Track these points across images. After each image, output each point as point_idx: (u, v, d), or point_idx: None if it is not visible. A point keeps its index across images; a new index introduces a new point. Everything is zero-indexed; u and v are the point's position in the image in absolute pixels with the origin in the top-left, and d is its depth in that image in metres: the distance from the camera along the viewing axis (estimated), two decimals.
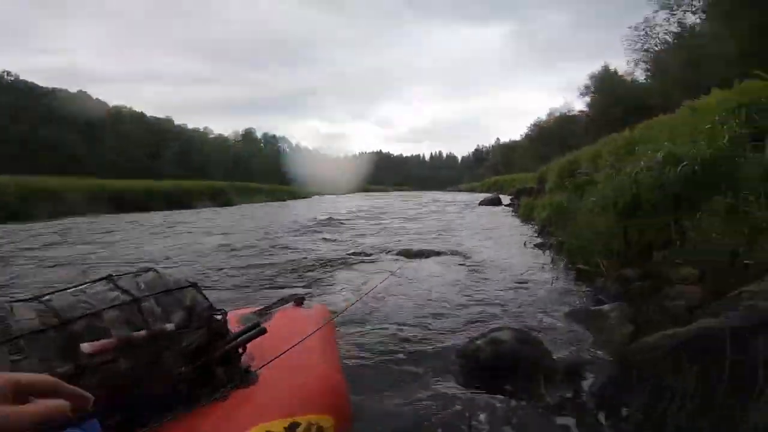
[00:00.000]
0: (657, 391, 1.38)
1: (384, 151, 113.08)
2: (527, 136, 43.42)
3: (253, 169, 54.71)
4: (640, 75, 24.04)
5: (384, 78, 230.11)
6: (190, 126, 60.26)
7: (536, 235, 6.34)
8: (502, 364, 1.88)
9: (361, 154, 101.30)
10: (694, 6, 18.39)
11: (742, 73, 5.37)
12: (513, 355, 1.89)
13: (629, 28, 21.76)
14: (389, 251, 5.14)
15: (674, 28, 19.95)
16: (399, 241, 5.97)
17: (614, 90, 24.97)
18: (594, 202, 4.21)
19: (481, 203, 15.82)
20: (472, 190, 39.81)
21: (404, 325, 2.55)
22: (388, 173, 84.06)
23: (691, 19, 19.06)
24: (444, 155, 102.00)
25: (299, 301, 1.63)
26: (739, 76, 5.34)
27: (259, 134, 76.06)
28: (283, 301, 1.65)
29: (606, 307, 2.44)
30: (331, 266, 4.31)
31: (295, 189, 34.25)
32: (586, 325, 2.38)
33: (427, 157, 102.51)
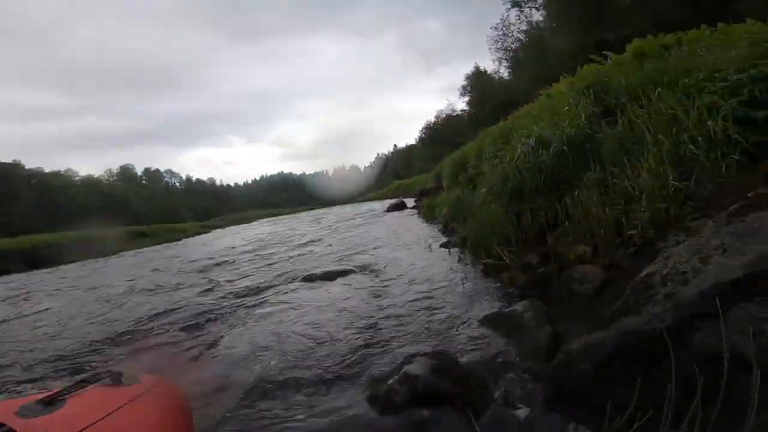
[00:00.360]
0: (596, 409, 1.22)
1: (285, 171, 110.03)
2: (421, 138, 46.01)
3: (136, 210, 48.73)
4: (504, 72, 26.97)
5: (277, 97, 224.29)
6: (48, 169, 51.48)
7: (441, 233, 6.39)
8: (421, 404, 1.65)
9: (262, 177, 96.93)
10: (537, 3, 21.09)
11: (582, 60, 6.07)
12: (432, 392, 1.67)
13: (491, 28, 24.25)
14: (285, 283, 4.59)
15: (524, 26, 22.70)
16: (294, 272, 5.24)
17: (486, 88, 27.65)
18: (485, 193, 4.28)
19: (388, 210, 16.02)
20: (378, 198, 40.71)
21: (298, 373, 2.15)
22: (293, 194, 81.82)
23: (536, 15, 21.82)
24: (347, 167, 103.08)
25: (116, 377, 1.27)
26: (580, 63, 6.03)
27: (139, 170, 68.53)
28: (84, 382, 1.23)
29: (518, 307, 2.35)
30: (195, 321, 3.51)
31: (189, 226, 31.02)
32: (503, 332, 2.24)
33: (331, 172, 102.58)
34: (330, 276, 4.46)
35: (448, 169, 11.08)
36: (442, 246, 5.15)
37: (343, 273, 4.53)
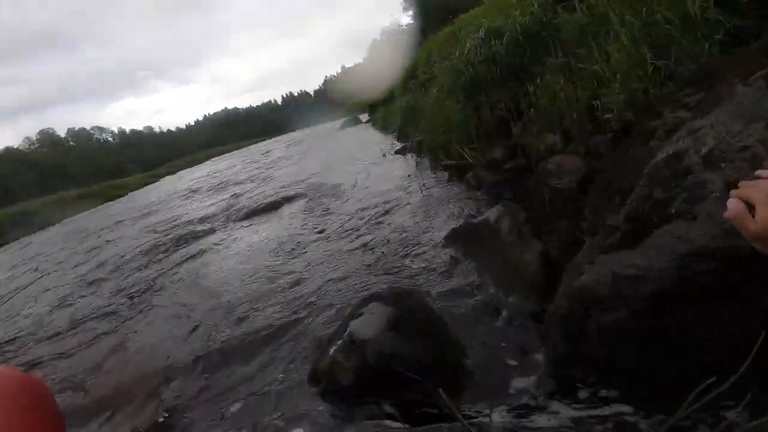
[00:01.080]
0: (638, 383, 0.89)
1: (230, 107, 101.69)
2: (369, 57, 43.17)
3: (74, 173, 44.32)
4: None
5: (205, 35, 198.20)
6: None
7: (396, 140, 6.21)
8: (374, 383, 1.20)
9: (205, 117, 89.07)
10: None
11: None
12: (387, 363, 1.18)
13: None
14: (222, 226, 4.17)
15: None
16: (233, 210, 4.68)
17: None
18: (437, 92, 4.08)
19: (342, 127, 15.97)
20: (331, 118, 39.12)
21: (228, 338, 1.81)
22: (242, 128, 76.55)
23: None
24: (296, 94, 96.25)
25: None
26: None
27: (62, 133, 61.01)
28: None
29: (491, 214, 1.85)
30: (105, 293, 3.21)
31: (131, 180, 28.82)
32: (476, 251, 1.75)
33: (279, 101, 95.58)
34: (274, 206, 4.01)
35: (398, 80, 10.62)
36: (397, 152, 4.85)
37: (289, 200, 4.11)
